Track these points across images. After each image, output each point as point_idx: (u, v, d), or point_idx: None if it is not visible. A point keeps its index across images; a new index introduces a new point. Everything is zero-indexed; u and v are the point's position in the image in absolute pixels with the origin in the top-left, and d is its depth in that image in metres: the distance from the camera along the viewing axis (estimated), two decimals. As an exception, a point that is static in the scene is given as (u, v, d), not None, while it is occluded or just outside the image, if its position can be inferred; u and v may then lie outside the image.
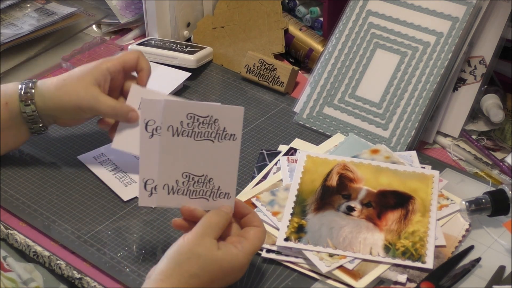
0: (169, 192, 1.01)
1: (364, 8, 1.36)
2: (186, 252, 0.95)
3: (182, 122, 1.00)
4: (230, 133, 1.00)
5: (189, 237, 0.96)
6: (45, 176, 1.22)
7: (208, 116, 0.99)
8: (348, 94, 1.31)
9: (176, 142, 1.00)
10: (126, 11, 1.60)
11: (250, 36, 1.50)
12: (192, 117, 1.00)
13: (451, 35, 1.28)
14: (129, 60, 1.18)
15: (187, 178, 1.01)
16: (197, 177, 1.01)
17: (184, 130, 1.00)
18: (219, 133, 1.00)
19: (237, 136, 1.00)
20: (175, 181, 1.01)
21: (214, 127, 1.00)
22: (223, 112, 1.00)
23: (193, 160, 1.01)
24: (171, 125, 1.00)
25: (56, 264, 1.08)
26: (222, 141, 1.00)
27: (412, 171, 1.16)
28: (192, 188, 1.01)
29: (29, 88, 1.17)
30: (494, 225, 1.11)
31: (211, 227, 0.97)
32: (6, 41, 1.45)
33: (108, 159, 1.24)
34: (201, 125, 1.00)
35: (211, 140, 1.00)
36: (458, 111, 1.30)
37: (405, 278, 1.03)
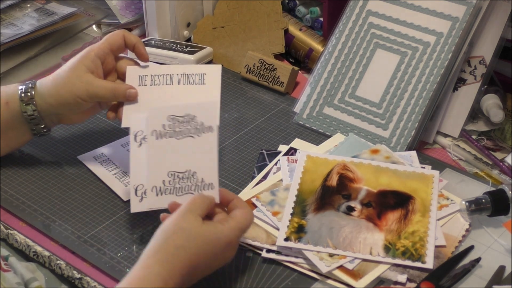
0: (158, 194, 1.05)
1: (364, 8, 1.36)
2: (171, 228, 0.97)
3: (164, 125, 1.07)
4: (207, 125, 1.06)
5: (173, 216, 0.98)
6: (45, 176, 1.22)
7: (186, 115, 1.06)
8: (348, 94, 1.31)
9: (160, 145, 1.06)
10: (126, 11, 1.60)
11: (250, 36, 1.50)
12: (172, 119, 1.07)
13: (451, 35, 1.28)
14: (114, 41, 1.19)
15: (173, 177, 1.05)
16: (181, 174, 1.05)
17: (167, 132, 1.07)
18: (197, 128, 1.06)
19: (213, 128, 1.06)
20: (162, 181, 1.05)
21: (193, 124, 1.06)
22: (199, 109, 1.07)
23: (176, 159, 1.06)
24: (155, 130, 1.06)
25: (56, 264, 1.08)
26: (201, 135, 1.06)
27: (412, 171, 1.16)
28: (178, 186, 1.05)
29: (29, 88, 1.17)
30: (494, 225, 1.12)
31: (195, 205, 0.99)
32: (6, 41, 1.45)
33: (108, 159, 1.24)
34: (181, 124, 1.06)
35: (191, 136, 1.06)
36: (458, 111, 1.30)
37: (405, 278, 1.03)
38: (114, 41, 1.19)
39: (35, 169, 1.24)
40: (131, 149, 1.09)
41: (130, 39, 1.20)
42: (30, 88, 1.17)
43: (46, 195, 1.18)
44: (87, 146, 1.28)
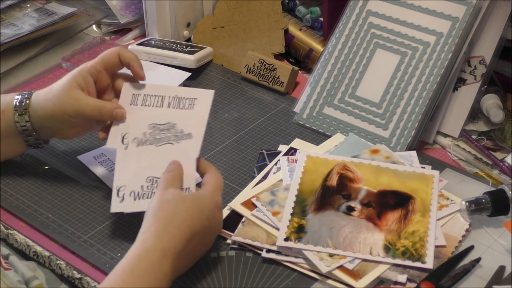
0: (135, 198, 1.07)
1: (364, 8, 1.36)
2: (157, 204, 1.00)
3: (145, 133, 1.10)
4: (187, 132, 1.08)
5: (155, 195, 1.02)
6: (45, 176, 1.22)
7: (167, 123, 1.10)
8: (348, 94, 1.31)
9: (140, 152, 1.09)
10: (126, 11, 1.60)
11: (250, 36, 1.50)
12: (153, 127, 1.10)
13: (451, 35, 1.28)
14: (108, 59, 1.16)
15: (151, 182, 1.08)
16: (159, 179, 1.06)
17: (147, 139, 1.10)
18: (177, 135, 1.09)
19: (193, 135, 1.08)
20: (140, 187, 1.08)
21: (173, 131, 1.09)
22: (179, 116, 1.09)
23: (155, 165, 1.08)
24: (136, 137, 1.10)
25: (56, 264, 1.08)
26: (181, 142, 1.09)
27: (412, 171, 1.16)
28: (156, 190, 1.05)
29: (24, 99, 1.16)
30: (494, 225, 1.11)
31: (169, 181, 1.03)
32: (6, 41, 1.45)
33: (108, 159, 1.24)
34: (161, 132, 1.09)
35: (171, 143, 1.09)
36: (458, 111, 1.30)
37: (405, 278, 1.03)
38: (108, 59, 1.16)
39: (35, 169, 1.24)
40: (118, 150, 1.11)
41: (126, 57, 1.16)
42: (26, 99, 1.16)
43: (46, 195, 1.18)
44: (87, 146, 1.28)
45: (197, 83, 1.44)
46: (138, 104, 1.14)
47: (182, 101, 1.13)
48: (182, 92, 1.13)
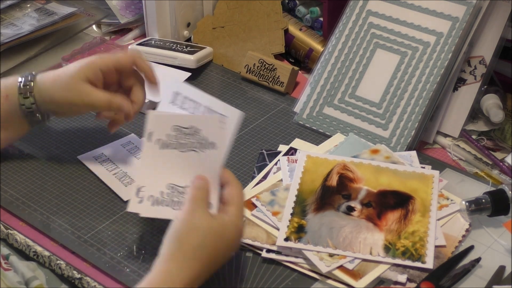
0: (153, 203, 1.04)
1: (364, 8, 1.36)
2: (184, 228, 0.96)
3: (169, 135, 1.04)
4: (211, 141, 1.02)
5: (182, 215, 0.97)
6: (45, 176, 1.22)
7: (191, 127, 1.04)
8: (348, 94, 1.31)
9: (163, 155, 1.04)
10: (126, 11, 1.60)
11: (250, 36, 1.50)
12: (177, 129, 1.04)
13: (451, 35, 1.28)
14: (122, 62, 1.18)
15: (171, 190, 1.04)
16: (181, 188, 1.04)
17: (171, 143, 1.04)
18: (201, 143, 1.03)
19: (217, 145, 1.02)
20: (160, 192, 1.04)
21: (197, 137, 1.03)
22: (203, 122, 1.03)
23: (178, 172, 1.04)
24: (159, 138, 1.05)
25: (56, 264, 1.08)
26: (205, 151, 1.03)
27: (412, 171, 1.16)
28: (176, 199, 1.04)
29: (28, 81, 1.17)
30: (494, 225, 1.11)
31: (197, 201, 0.99)
32: (6, 41, 1.45)
33: (108, 159, 1.24)
34: (185, 136, 1.04)
35: (195, 150, 1.03)
36: (458, 111, 1.30)
37: (405, 278, 1.03)
38: (123, 61, 1.18)
39: (35, 169, 1.24)
40: (144, 147, 1.06)
41: (141, 67, 1.19)
42: (29, 81, 1.17)
43: (46, 195, 1.18)
44: (87, 146, 1.28)
45: (197, 83, 1.44)
46: (177, 104, 1.10)
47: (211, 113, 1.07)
48: (215, 104, 1.07)
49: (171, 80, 1.13)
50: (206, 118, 1.04)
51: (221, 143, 1.02)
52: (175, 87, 1.12)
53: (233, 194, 1.01)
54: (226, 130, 1.03)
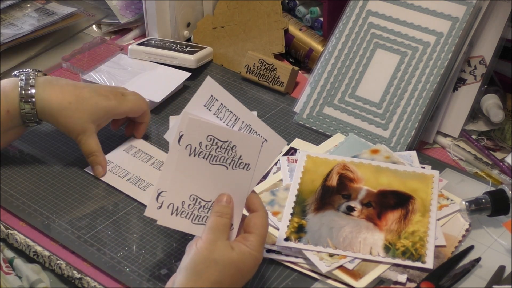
0: (173, 213, 0.99)
1: (364, 8, 1.36)
2: (204, 261, 0.93)
3: (201, 143, 0.97)
4: (245, 162, 0.97)
5: (202, 245, 0.94)
6: (45, 176, 1.22)
7: (227, 141, 0.97)
8: (348, 94, 1.31)
9: (191, 162, 0.98)
10: (126, 11, 1.60)
11: (250, 36, 1.50)
12: (211, 140, 0.97)
13: (451, 35, 1.28)
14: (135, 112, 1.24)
15: (194, 201, 0.99)
16: (204, 202, 0.99)
17: (202, 152, 0.98)
18: (234, 160, 0.97)
19: (251, 167, 0.97)
20: (181, 202, 0.99)
21: (231, 153, 0.97)
22: (242, 140, 0.97)
23: (203, 184, 0.98)
24: (190, 144, 0.98)
25: (56, 264, 1.08)
26: (236, 169, 0.97)
27: (412, 171, 1.16)
28: (197, 213, 0.99)
29: (29, 88, 1.17)
30: (494, 225, 1.11)
31: (219, 230, 0.96)
32: (6, 41, 1.45)
33: (116, 165, 1.23)
34: (218, 149, 0.97)
35: (226, 166, 0.98)
36: (458, 111, 1.30)
37: (405, 278, 1.03)
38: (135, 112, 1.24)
39: (35, 169, 1.24)
40: (172, 150, 0.99)
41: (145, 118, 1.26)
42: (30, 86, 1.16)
43: (46, 195, 1.18)
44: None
45: (197, 83, 1.44)
46: (211, 110, 1.00)
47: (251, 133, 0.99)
48: (257, 124, 0.99)
49: (210, 81, 1.00)
50: (248, 138, 0.97)
51: (256, 167, 0.97)
52: (214, 90, 1.00)
53: (258, 224, 0.97)
54: (265, 155, 0.97)
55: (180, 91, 1.42)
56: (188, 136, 0.97)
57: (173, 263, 1.07)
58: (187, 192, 0.98)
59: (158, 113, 1.36)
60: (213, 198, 0.98)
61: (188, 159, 0.98)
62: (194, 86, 1.44)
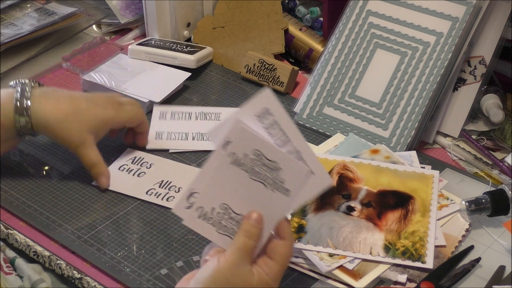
0: (200, 216, 0.95)
1: (364, 8, 1.36)
2: (223, 282, 0.91)
3: (247, 155, 0.93)
4: (286, 187, 0.93)
5: (225, 266, 0.92)
6: (45, 176, 1.22)
7: (274, 162, 0.93)
8: (348, 94, 1.31)
9: (230, 171, 0.94)
10: (126, 11, 1.60)
11: (250, 36, 1.50)
12: (258, 155, 0.93)
13: (451, 35, 1.28)
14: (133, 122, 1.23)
15: (224, 211, 0.95)
16: (233, 214, 0.95)
17: (244, 164, 0.94)
18: (275, 182, 0.93)
19: (291, 194, 0.93)
20: (211, 208, 0.95)
21: (274, 174, 0.93)
22: (290, 165, 0.92)
23: (238, 196, 0.95)
24: (235, 153, 0.93)
25: (56, 264, 1.08)
26: (275, 192, 0.93)
27: (412, 171, 1.16)
28: (224, 223, 0.95)
29: (24, 100, 1.15)
30: (494, 225, 1.12)
31: (246, 254, 0.92)
32: (6, 41, 1.45)
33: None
34: (263, 166, 0.93)
35: (265, 184, 0.94)
36: (458, 111, 1.30)
37: (405, 278, 1.03)
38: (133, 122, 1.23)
39: (35, 169, 1.24)
40: (214, 153, 0.94)
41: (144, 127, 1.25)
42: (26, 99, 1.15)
43: (46, 195, 1.18)
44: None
45: (197, 83, 1.44)
46: (263, 123, 0.94)
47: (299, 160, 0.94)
48: (308, 154, 0.93)
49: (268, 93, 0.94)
50: (296, 165, 0.93)
51: (296, 195, 0.93)
52: (270, 104, 0.94)
53: (282, 254, 0.94)
54: (308, 188, 0.93)
55: (180, 91, 1.42)
56: (235, 145, 0.93)
57: (173, 263, 1.07)
58: (219, 199, 0.95)
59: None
60: (244, 213, 0.94)
61: (229, 167, 0.94)
62: (194, 86, 1.44)
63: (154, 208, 1.16)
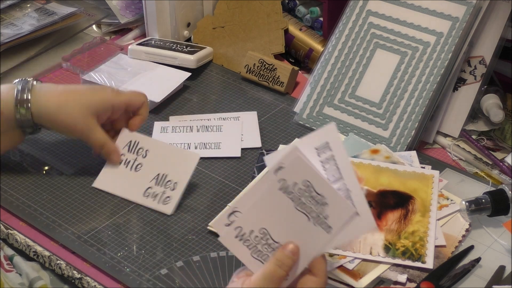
0: (237, 236, 0.93)
1: (364, 8, 1.36)
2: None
3: (296, 184, 0.92)
4: (329, 224, 0.91)
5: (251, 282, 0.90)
6: (45, 176, 1.22)
7: (321, 196, 0.91)
8: (348, 94, 1.31)
9: (277, 197, 0.92)
10: (126, 11, 1.60)
11: (250, 36, 1.50)
12: (307, 186, 0.92)
13: (451, 35, 1.28)
14: (134, 103, 1.21)
15: (262, 236, 0.93)
16: (271, 241, 0.93)
17: (292, 192, 0.92)
18: (319, 217, 0.92)
19: (332, 231, 0.91)
20: (250, 230, 0.93)
21: (319, 209, 0.92)
22: (337, 202, 0.91)
23: (279, 224, 0.93)
24: (285, 180, 0.92)
25: (56, 264, 1.08)
26: (317, 226, 0.92)
27: (412, 171, 1.16)
28: (260, 248, 0.93)
29: (25, 93, 1.16)
30: (494, 225, 1.12)
31: (272, 282, 0.90)
32: (6, 41, 1.45)
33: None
34: (309, 198, 0.92)
35: (308, 217, 0.92)
36: (458, 111, 1.30)
37: (405, 278, 1.03)
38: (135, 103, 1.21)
39: (35, 169, 1.24)
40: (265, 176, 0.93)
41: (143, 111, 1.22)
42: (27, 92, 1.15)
43: (46, 195, 1.18)
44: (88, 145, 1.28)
45: (197, 83, 1.44)
46: (320, 156, 0.94)
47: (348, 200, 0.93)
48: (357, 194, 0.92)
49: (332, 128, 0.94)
50: (343, 203, 0.91)
51: (337, 233, 0.91)
52: (332, 138, 0.94)
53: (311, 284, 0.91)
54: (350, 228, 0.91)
55: (180, 91, 1.42)
56: (287, 172, 0.92)
57: (173, 263, 1.07)
58: (260, 223, 0.93)
59: (158, 113, 1.36)
60: (282, 241, 0.93)
61: (276, 192, 0.92)
62: (194, 86, 1.44)
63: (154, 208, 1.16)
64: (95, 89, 1.20)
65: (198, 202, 1.17)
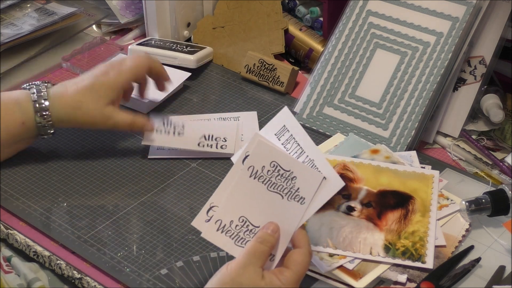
0: (219, 229, 0.97)
1: (364, 8, 1.36)
2: (229, 282, 0.91)
3: (264, 167, 0.96)
4: (301, 195, 0.95)
5: (233, 266, 0.92)
6: (46, 176, 1.22)
7: (289, 171, 0.96)
8: (348, 94, 1.31)
9: (249, 184, 0.97)
10: (126, 11, 1.60)
11: (250, 36, 1.50)
12: (274, 166, 0.96)
13: (451, 35, 1.28)
14: (140, 71, 1.23)
15: (242, 223, 0.97)
16: (251, 226, 0.97)
17: (262, 176, 0.96)
18: (291, 191, 0.96)
19: (306, 201, 0.95)
20: (229, 221, 0.97)
21: (290, 184, 0.96)
22: (304, 173, 0.95)
23: (256, 208, 0.97)
24: (253, 166, 0.96)
25: (56, 264, 1.08)
26: (291, 201, 0.96)
27: (412, 171, 1.16)
28: (242, 235, 0.97)
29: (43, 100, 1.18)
30: (494, 225, 1.12)
31: (255, 256, 0.92)
32: (6, 41, 1.45)
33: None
34: (279, 177, 0.96)
35: (281, 195, 0.96)
36: (458, 111, 1.30)
37: (405, 278, 1.03)
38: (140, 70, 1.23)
39: (35, 169, 1.24)
40: (234, 168, 0.98)
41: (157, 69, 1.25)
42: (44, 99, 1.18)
43: (46, 195, 1.18)
44: (88, 145, 1.28)
45: (197, 83, 1.44)
46: (281, 140, 1.01)
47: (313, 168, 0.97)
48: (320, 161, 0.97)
49: (286, 111, 1.03)
50: (309, 172, 0.96)
51: (310, 202, 0.95)
52: (287, 121, 1.02)
53: (297, 261, 0.93)
54: (321, 193, 0.95)
55: (180, 91, 1.42)
56: (253, 158, 0.96)
57: (173, 263, 1.07)
58: (238, 212, 0.97)
59: (158, 113, 1.36)
60: (262, 224, 0.96)
61: (247, 180, 0.97)
62: (194, 86, 1.44)
63: (154, 208, 1.16)
64: (98, 77, 1.20)
65: (198, 202, 1.17)
